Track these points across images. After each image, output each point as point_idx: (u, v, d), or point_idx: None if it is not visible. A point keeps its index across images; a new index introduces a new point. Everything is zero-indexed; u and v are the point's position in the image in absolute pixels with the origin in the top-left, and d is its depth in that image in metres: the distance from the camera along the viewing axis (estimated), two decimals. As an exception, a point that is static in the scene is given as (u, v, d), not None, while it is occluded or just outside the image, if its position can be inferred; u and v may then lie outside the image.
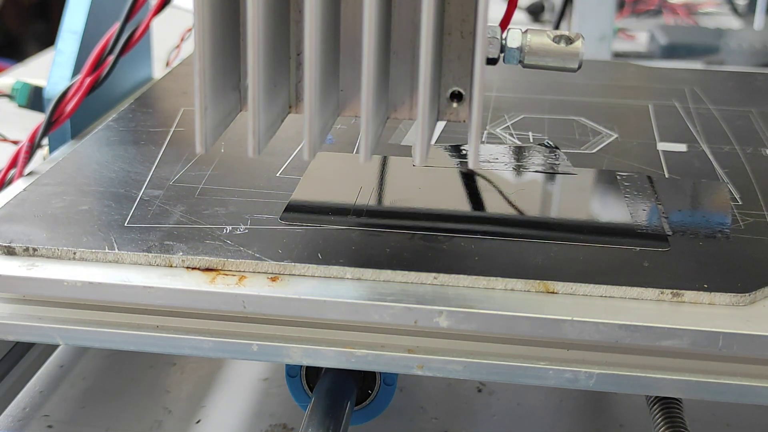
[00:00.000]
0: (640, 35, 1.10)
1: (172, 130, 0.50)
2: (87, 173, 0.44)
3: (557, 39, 0.38)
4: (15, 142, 0.60)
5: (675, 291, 0.35)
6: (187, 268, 0.36)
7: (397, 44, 0.36)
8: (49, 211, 0.40)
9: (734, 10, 1.27)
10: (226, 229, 0.38)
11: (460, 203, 0.43)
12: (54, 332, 0.36)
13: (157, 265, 0.36)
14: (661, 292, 0.35)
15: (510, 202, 0.42)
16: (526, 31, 0.39)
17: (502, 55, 0.38)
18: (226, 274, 0.36)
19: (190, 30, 0.79)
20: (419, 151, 0.34)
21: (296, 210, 0.40)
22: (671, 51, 0.97)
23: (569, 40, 0.38)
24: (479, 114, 0.33)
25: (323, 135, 0.35)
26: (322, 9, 0.32)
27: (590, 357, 0.35)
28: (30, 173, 0.48)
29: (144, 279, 0.35)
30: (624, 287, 0.35)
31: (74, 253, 0.37)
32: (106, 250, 0.36)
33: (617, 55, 0.97)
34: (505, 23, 0.39)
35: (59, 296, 0.36)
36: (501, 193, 0.43)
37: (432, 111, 0.35)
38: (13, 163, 0.49)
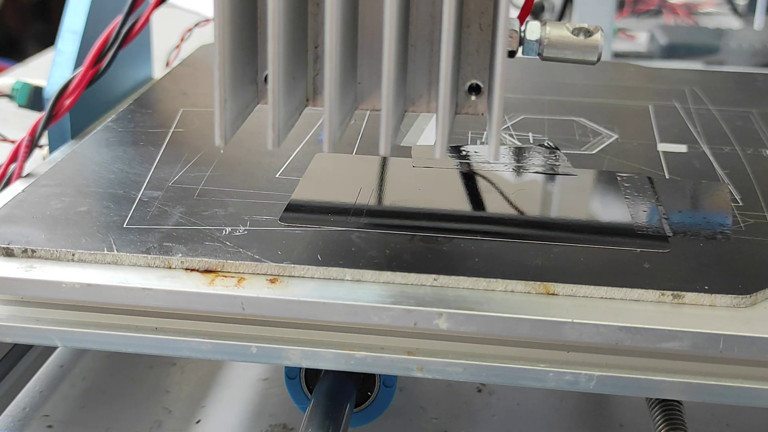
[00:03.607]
0: (640, 35, 1.10)
1: (171, 131, 0.50)
2: (86, 174, 0.44)
3: (576, 31, 0.38)
4: (14, 143, 0.59)
5: (676, 293, 0.34)
6: (186, 269, 0.36)
7: (416, 37, 0.36)
8: (48, 213, 0.40)
9: (734, 10, 1.27)
10: (226, 231, 0.38)
11: (460, 204, 0.42)
12: (52, 334, 0.36)
13: (156, 266, 0.36)
14: (662, 294, 0.35)
15: (510, 204, 0.42)
16: (544, 24, 0.38)
17: (520, 47, 0.38)
18: (225, 276, 0.36)
19: (190, 30, 0.79)
20: (439, 144, 0.34)
21: (296, 211, 0.40)
22: (671, 51, 0.96)
23: (588, 33, 0.38)
24: (500, 106, 0.33)
25: (342, 128, 0.35)
26: (341, 1, 0.32)
27: (590, 359, 0.35)
28: (28, 174, 0.48)
29: (143, 281, 0.35)
30: (624, 289, 0.35)
31: (73, 255, 0.36)
32: (105, 252, 0.36)
33: (617, 55, 0.97)
34: (523, 16, 0.39)
35: (57, 298, 0.36)
36: (501, 194, 0.43)
37: (451, 104, 0.35)
38: (13, 158, 0.49)
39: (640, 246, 0.38)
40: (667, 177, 0.45)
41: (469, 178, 0.45)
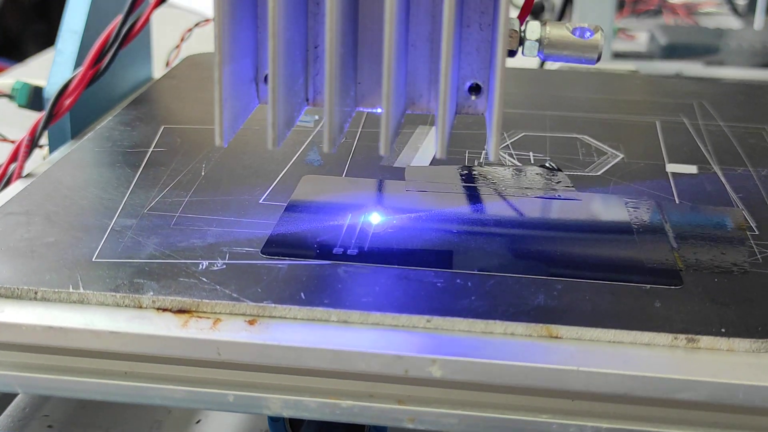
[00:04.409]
0: (640, 35, 1.08)
1: (150, 150, 0.47)
2: (57, 200, 0.41)
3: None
4: (14, 143, 0.58)
5: (690, 336, 0.32)
6: (158, 309, 0.33)
7: (416, 37, 0.37)
8: (12, 244, 0.37)
9: (734, 10, 1.25)
10: (202, 265, 0.35)
11: (456, 233, 0.39)
12: (12, 380, 0.33)
13: (126, 306, 0.33)
14: (675, 338, 0.32)
15: (509, 233, 0.39)
16: (544, 24, 0.37)
17: (520, 47, 0.37)
18: (200, 317, 0.33)
19: (190, 30, 0.78)
20: (439, 144, 0.34)
21: (279, 242, 0.37)
22: (671, 51, 0.95)
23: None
24: (500, 106, 0.33)
25: (342, 128, 0.35)
26: (341, 1, 0.32)
27: (597, 409, 0.32)
28: (28, 174, 0.47)
29: (110, 323, 0.32)
30: (634, 332, 0.32)
31: (35, 293, 0.34)
32: (71, 290, 0.34)
33: (617, 54, 0.95)
34: (523, 16, 0.38)
35: (18, 342, 0.33)
36: (500, 222, 0.40)
37: (451, 104, 0.35)
38: (13, 158, 0.48)
39: (650, 282, 0.35)
40: (677, 202, 0.42)
41: (468, 203, 0.42)
